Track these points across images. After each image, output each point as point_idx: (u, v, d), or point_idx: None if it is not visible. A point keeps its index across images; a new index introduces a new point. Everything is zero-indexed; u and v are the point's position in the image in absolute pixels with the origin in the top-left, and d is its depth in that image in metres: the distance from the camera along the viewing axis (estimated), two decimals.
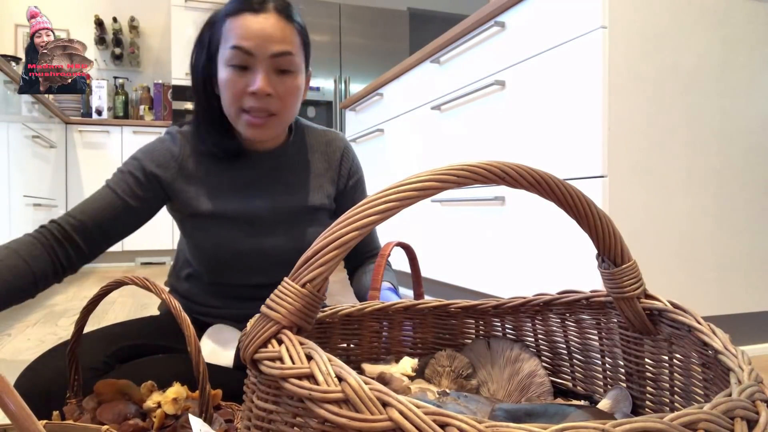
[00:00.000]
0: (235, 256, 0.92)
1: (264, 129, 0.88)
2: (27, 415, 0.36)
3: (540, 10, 1.47)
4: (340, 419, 0.31)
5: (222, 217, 0.92)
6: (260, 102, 0.84)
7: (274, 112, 0.87)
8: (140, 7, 4.31)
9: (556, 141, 1.41)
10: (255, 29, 0.83)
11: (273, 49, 0.83)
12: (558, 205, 0.44)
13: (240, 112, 0.86)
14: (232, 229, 0.92)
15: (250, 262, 0.93)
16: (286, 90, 0.86)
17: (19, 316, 2.08)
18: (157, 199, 0.92)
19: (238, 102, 0.85)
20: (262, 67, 0.84)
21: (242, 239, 0.92)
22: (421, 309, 0.68)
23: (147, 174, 0.90)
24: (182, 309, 0.57)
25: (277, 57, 0.84)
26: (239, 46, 0.83)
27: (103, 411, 0.61)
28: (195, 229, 0.93)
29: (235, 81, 0.84)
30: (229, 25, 0.85)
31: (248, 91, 0.84)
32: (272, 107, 0.86)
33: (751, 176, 1.41)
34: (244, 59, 0.83)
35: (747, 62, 1.41)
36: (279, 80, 0.85)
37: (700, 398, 0.48)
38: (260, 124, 0.86)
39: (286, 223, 0.95)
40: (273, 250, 0.93)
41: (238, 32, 0.83)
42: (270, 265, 0.93)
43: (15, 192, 2.56)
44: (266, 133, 0.89)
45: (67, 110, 3.83)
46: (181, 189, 0.92)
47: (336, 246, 0.38)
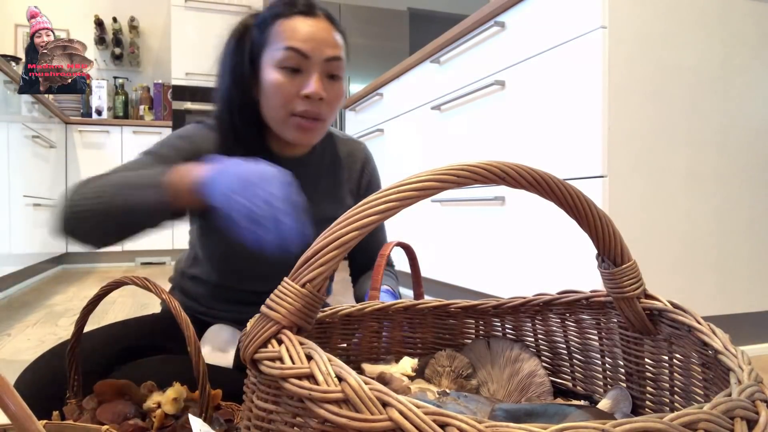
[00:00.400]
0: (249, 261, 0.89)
1: (312, 133, 0.86)
2: (27, 415, 0.36)
3: (540, 10, 1.47)
4: (340, 419, 0.31)
5: None
6: (312, 106, 0.82)
7: (323, 118, 0.85)
8: (140, 7, 4.31)
9: (556, 141, 1.41)
10: (310, 32, 0.81)
11: (327, 53, 0.82)
12: (558, 205, 0.44)
13: (289, 116, 0.83)
14: None
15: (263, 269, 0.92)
16: (334, 96, 0.85)
17: (19, 316, 2.08)
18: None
19: (288, 105, 0.82)
20: (317, 71, 0.82)
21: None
22: (421, 309, 0.68)
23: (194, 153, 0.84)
24: (183, 308, 0.57)
25: (330, 61, 0.83)
26: (295, 47, 0.80)
27: (103, 411, 0.61)
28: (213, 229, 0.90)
29: (286, 83, 0.81)
30: (279, 27, 0.82)
31: (301, 94, 0.82)
32: (322, 112, 0.84)
33: (750, 176, 1.41)
34: (299, 61, 0.81)
35: (747, 62, 1.41)
36: (329, 85, 0.84)
37: (700, 398, 0.48)
38: (310, 128, 0.84)
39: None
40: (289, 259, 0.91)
41: (292, 34, 0.81)
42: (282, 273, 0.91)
43: (15, 192, 2.56)
44: (313, 138, 0.87)
45: (67, 110, 3.83)
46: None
47: (336, 246, 0.38)
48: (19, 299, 2.51)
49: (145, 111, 4.11)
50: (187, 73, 3.91)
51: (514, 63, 1.58)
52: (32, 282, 3.06)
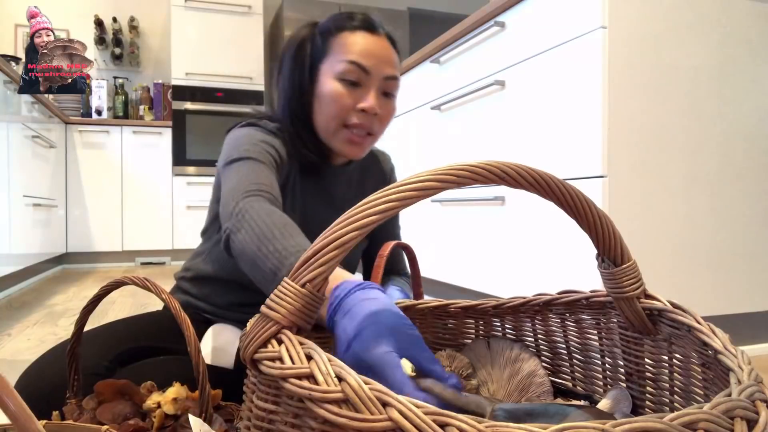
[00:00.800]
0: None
1: (361, 147, 0.87)
2: (27, 415, 0.36)
3: (540, 10, 1.47)
4: (340, 419, 0.31)
5: None
6: (366, 120, 0.84)
7: (373, 133, 0.87)
8: (140, 7, 4.31)
9: (555, 141, 1.41)
10: (374, 48, 0.84)
11: (387, 71, 0.84)
12: (558, 205, 0.44)
13: (341, 128, 0.85)
14: None
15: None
16: (387, 113, 0.87)
17: (19, 316, 2.08)
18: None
19: (342, 117, 0.84)
20: (375, 87, 0.84)
21: None
22: (421, 309, 0.68)
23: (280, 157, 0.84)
24: (183, 307, 0.57)
25: (388, 80, 0.85)
26: (358, 62, 0.82)
27: (102, 411, 0.61)
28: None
29: (344, 95, 0.83)
30: (343, 39, 0.84)
31: (358, 107, 0.83)
32: (374, 127, 0.86)
33: (750, 176, 1.41)
34: (359, 76, 0.83)
35: (747, 62, 1.41)
36: (384, 102, 0.86)
37: (700, 398, 0.48)
38: (361, 143, 0.86)
39: None
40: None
41: (357, 49, 0.83)
42: None
43: (15, 192, 2.56)
44: (361, 152, 0.88)
45: (67, 110, 3.83)
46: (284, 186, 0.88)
47: (336, 246, 0.38)
48: (19, 299, 2.51)
49: (145, 111, 4.11)
50: (187, 73, 3.91)
51: (514, 63, 1.58)
52: (32, 282, 3.06)
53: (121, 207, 3.80)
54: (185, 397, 0.61)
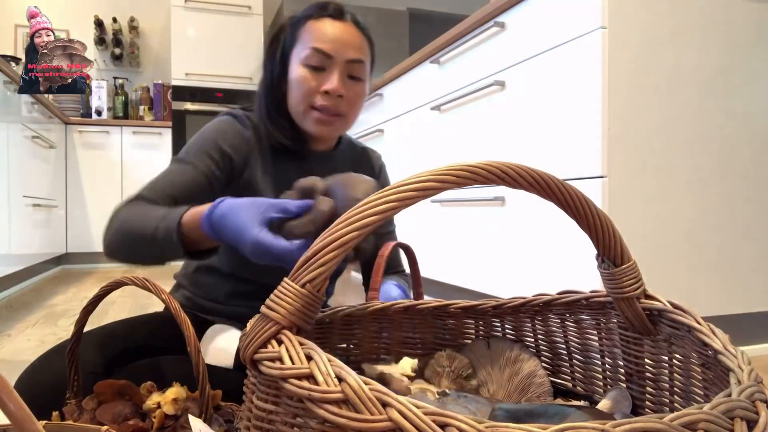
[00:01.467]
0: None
1: (330, 127, 0.92)
2: (26, 415, 0.36)
3: (540, 10, 1.47)
4: (340, 419, 0.31)
5: None
6: (331, 101, 0.89)
7: (341, 113, 0.91)
8: (140, 8, 4.31)
9: (555, 141, 1.41)
10: (335, 33, 0.88)
11: (349, 55, 0.89)
12: (558, 206, 0.44)
13: (309, 109, 0.90)
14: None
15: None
16: (354, 95, 0.91)
17: (19, 317, 2.08)
18: (224, 180, 0.91)
19: (308, 99, 0.89)
20: (338, 70, 0.88)
21: None
22: (421, 309, 0.68)
23: (223, 154, 0.90)
24: (183, 307, 0.57)
25: (352, 63, 0.89)
26: (319, 48, 0.87)
27: (102, 411, 0.61)
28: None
29: (309, 79, 0.88)
30: (309, 27, 0.89)
31: (321, 89, 0.88)
32: (340, 108, 0.90)
33: (750, 176, 1.41)
34: (322, 60, 0.88)
35: (747, 62, 1.41)
36: (349, 84, 0.90)
37: (700, 398, 0.48)
38: (328, 121, 0.91)
39: None
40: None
41: (318, 35, 0.88)
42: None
43: (14, 192, 2.56)
44: (331, 131, 0.93)
45: (67, 110, 3.83)
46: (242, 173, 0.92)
47: (336, 246, 0.38)
48: (19, 299, 2.51)
49: (145, 111, 4.11)
50: (186, 73, 3.91)
51: (514, 63, 1.58)
52: (32, 282, 3.06)
53: None
54: (185, 398, 0.61)
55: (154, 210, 0.78)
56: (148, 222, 0.76)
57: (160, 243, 0.74)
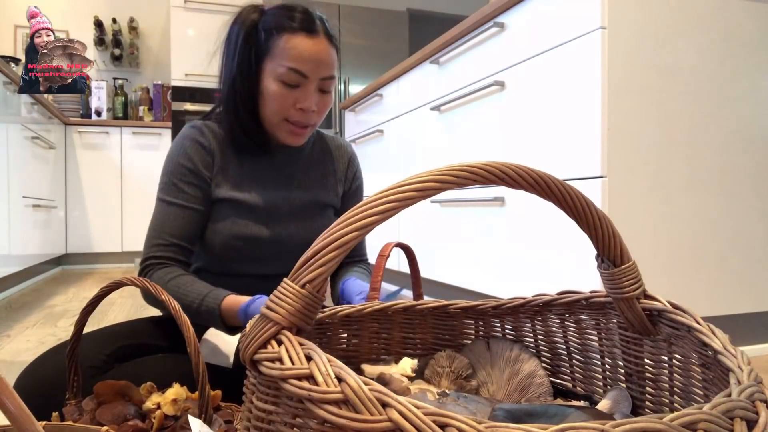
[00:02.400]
0: (249, 243, 0.97)
1: (301, 138, 0.97)
2: (26, 416, 0.36)
3: (539, 10, 1.47)
4: (340, 420, 0.31)
5: (241, 204, 0.97)
6: (304, 117, 0.93)
7: (312, 125, 0.96)
8: (139, 8, 4.31)
9: (555, 141, 1.41)
10: (311, 53, 0.90)
11: (324, 73, 0.92)
12: (557, 206, 0.44)
13: (282, 122, 0.94)
14: (250, 217, 0.97)
15: (263, 251, 0.98)
16: (324, 106, 0.96)
17: (19, 317, 2.08)
18: (208, 192, 0.97)
19: (283, 114, 0.93)
20: (312, 87, 0.92)
21: (258, 227, 0.97)
22: (420, 310, 0.68)
23: (194, 174, 0.95)
24: (181, 310, 0.57)
25: (325, 80, 0.93)
26: (297, 69, 0.89)
27: (102, 412, 0.61)
28: (214, 215, 0.97)
29: (285, 96, 0.91)
30: (284, 42, 0.90)
31: (297, 107, 0.92)
32: (312, 121, 0.95)
33: (750, 176, 1.42)
34: (299, 80, 0.90)
35: (747, 62, 1.41)
36: (321, 98, 0.94)
37: (700, 398, 0.48)
38: (301, 134, 0.96)
39: (299, 215, 1.01)
40: (286, 239, 0.99)
41: (295, 54, 0.89)
42: (281, 254, 0.98)
43: (14, 193, 2.56)
44: (301, 141, 0.98)
45: (67, 111, 3.83)
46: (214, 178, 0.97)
47: (336, 246, 0.38)
48: (18, 300, 2.51)
49: (145, 112, 4.11)
50: (186, 74, 3.91)
51: (514, 64, 1.58)
52: (32, 283, 3.06)
53: (121, 208, 3.79)
54: (185, 398, 0.61)
55: (190, 284, 0.87)
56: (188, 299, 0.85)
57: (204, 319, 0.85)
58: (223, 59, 0.98)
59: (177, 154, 0.96)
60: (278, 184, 1.01)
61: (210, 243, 0.97)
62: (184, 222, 0.93)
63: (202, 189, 0.95)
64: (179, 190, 0.94)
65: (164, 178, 0.96)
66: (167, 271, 0.90)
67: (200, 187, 0.95)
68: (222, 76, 0.98)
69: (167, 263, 0.91)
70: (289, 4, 0.93)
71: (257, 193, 0.98)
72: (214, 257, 0.98)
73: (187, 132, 0.98)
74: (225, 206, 0.96)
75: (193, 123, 1.00)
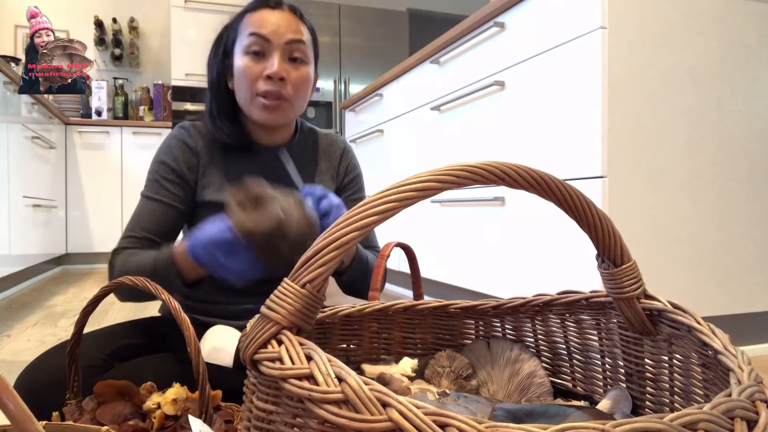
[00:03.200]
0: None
1: (276, 112, 0.93)
2: (26, 415, 0.36)
3: (539, 10, 1.47)
4: (340, 420, 0.31)
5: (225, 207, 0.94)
6: (274, 85, 0.91)
7: (286, 97, 0.92)
8: (140, 8, 4.31)
9: (555, 141, 1.41)
10: (272, 20, 0.91)
11: (287, 37, 0.91)
12: (558, 206, 0.44)
13: (254, 96, 0.92)
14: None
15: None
16: (298, 77, 0.93)
17: (19, 317, 2.08)
18: (190, 193, 0.97)
19: (252, 86, 0.91)
20: (278, 53, 0.91)
21: None
22: (421, 309, 0.68)
23: (177, 173, 0.95)
24: (181, 310, 0.57)
25: (291, 44, 0.91)
26: (257, 32, 0.90)
27: (102, 412, 0.61)
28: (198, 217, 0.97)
29: (251, 66, 0.91)
30: (247, 19, 0.93)
31: (264, 74, 0.90)
32: (285, 92, 0.92)
33: (750, 176, 1.41)
34: (261, 45, 0.90)
35: (747, 62, 1.41)
36: (292, 67, 0.92)
37: (700, 398, 0.48)
38: (273, 107, 0.92)
39: None
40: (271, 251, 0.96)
41: (256, 22, 0.91)
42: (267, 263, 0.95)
43: (14, 192, 2.56)
44: (278, 117, 0.94)
45: (67, 111, 3.83)
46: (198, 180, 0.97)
47: (336, 246, 0.38)
48: (18, 300, 2.51)
49: (145, 112, 4.11)
50: (186, 73, 3.91)
51: (514, 63, 1.58)
52: (32, 283, 3.06)
53: (121, 208, 3.79)
54: (185, 398, 0.61)
55: (145, 253, 0.86)
56: (144, 265, 0.83)
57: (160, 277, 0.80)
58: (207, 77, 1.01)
59: (163, 153, 0.96)
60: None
61: None
62: (160, 218, 0.93)
63: (183, 189, 0.95)
64: (161, 187, 0.94)
65: (149, 175, 0.97)
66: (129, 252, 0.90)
67: (182, 187, 0.95)
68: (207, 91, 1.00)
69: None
70: None
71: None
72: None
73: (174, 132, 0.99)
74: (209, 208, 0.95)
75: (182, 124, 1.00)
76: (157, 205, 0.93)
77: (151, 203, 0.94)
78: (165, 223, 0.93)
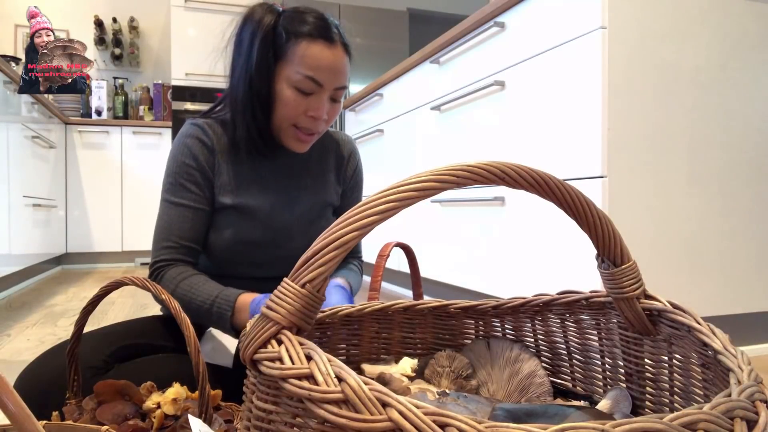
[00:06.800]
0: (251, 247, 0.96)
1: (306, 144, 0.96)
2: (26, 415, 0.36)
3: (540, 10, 1.47)
4: (340, 419, 0.31)
5: (243, 209, 0.96)
6: (314, 124, 0.93)
7: (319, 132, 0.96)
8: (140, 8, 4.31)
9: (555, 141, 1.41)
10: (329, 63, 0.89)
11: (338, 83, 0.92)
12: (558, 206, 0.44)
13: (291, 127, 0.93)
14: (252, 221, 0.96)
15: (264, 254, 0.97)
16: (333, 114, 0.96)
17: (19, 317, 2.08)
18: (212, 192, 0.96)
19: (293, 119, 0.92)
20: (326, 97, 0.91)
21: (260, 232, 0.96)
22: (420, 309, 0.68)
23: (200, 173, 0.94)
24: (181, 310, 0.57)
25: (338, 90, 0.93)
26: (314, 78, 0.88)
27: (102, 411, 0.61)
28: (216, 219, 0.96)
29: (298, 102, 0.90)
30: (303, 49, 0.88)
31: (308, 114, 0.91)
32: (321, 129, 0.95)
33: (751, 175, 1.41)
34: (313, 88, 0.90)
35: (747, 62, 1.41)
36: (331, 106, 0.94)
37: (700, 398, 0.48)
38: (306, 141, 0.95)
39: (300, 217, 1.01)
40: (287, 242, 0.98)
41: (312, 62, 0.88)
42: (281, 257, 0.97)
43: (14, 192, 2.56)
44: (307, 148, 0.97)
45: (67, 110, 3.83)
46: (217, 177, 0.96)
47: (336, 246, 0.38)
48: (18, 300, 2.51)
49: (145, 111, 4.11)
50: (186, 73, 3.91)
51: (514, 63, 1.58)
52: (32, 282, 3.06)
53: (121, 207, 3.79)
54: (185, 398, 0.61)
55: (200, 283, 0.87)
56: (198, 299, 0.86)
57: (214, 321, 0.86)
58: (234, 59, 0.95)
59: (181, 153, 0.94)
60: (279, 186, 1.00)
61: (211, 246, 0.96)
62: (192, 223, 0.92)
63: (208, 188, 0.94)
64: (186, 190, 0.93)
65: (169, 178, 0.94)
66: (179, 270, 0.89)
67: (206, 187, 0.94)
68: (234, 75, 0.94)
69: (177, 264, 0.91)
70: (305, 8, 0.91)
71: (259, 197, 0.97)
72: (214, 259, 0.97)
73: (189, 130, 0.96)
74: (227, 211, 0.95)
75: (195, 120, 0.98)
76: (185, 210, 0.92)
77: (179, 209, 0.92)
78: (198, 229, 0.93)
